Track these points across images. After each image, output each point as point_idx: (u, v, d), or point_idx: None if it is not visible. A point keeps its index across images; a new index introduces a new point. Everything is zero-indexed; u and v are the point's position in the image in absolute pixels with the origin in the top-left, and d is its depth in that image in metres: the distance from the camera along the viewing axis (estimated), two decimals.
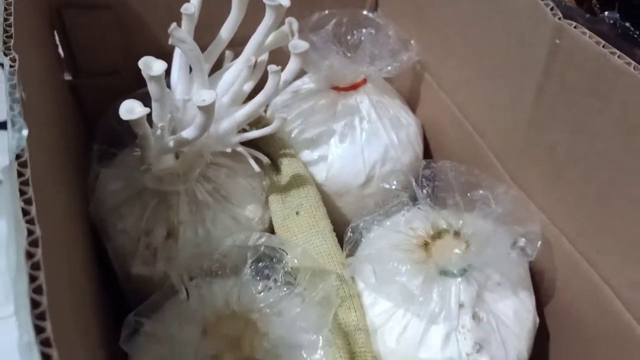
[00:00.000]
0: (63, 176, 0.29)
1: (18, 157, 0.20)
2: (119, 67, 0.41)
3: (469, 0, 0.37)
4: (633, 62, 0.25)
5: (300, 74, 0.39)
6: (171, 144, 0.33)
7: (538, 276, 0.36)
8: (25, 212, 0.18)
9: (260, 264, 0.31)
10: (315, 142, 0.41)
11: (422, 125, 0.45)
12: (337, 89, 0.42)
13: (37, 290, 0.17)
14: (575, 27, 0.28)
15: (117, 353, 0.30)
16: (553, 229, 0.34)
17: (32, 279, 0.17)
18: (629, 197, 0.28)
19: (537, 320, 0.34)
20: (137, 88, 0.34)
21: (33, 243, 0.18)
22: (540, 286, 0.36)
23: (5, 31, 0.25)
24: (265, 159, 0.39)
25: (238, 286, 0.31)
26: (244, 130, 0.38)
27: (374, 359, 0.33)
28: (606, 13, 0.39)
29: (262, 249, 0.32)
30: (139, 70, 0.31)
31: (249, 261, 0.32)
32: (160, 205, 0.36)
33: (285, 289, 0.31)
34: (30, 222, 0.18)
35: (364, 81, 0.42)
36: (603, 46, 0.26)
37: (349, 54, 0.42)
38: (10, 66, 0.22)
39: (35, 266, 0.17)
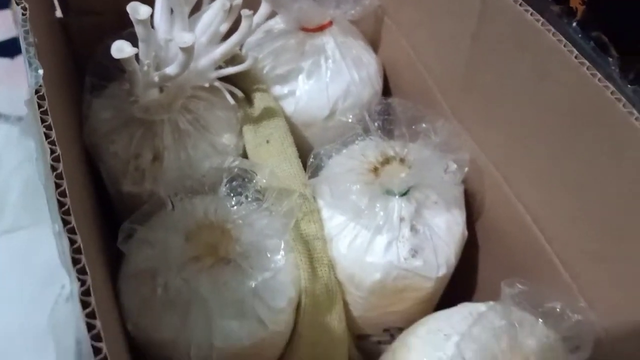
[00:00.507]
0: (67, 106, 0.34)
1: (37, 91, 0.25)
2: (106, 8, 0.45)
3: None
4: (542, 19, 0.30)
5: (272, 14, 0.44)
6: (156, 79, 0.38)
7: (471, 197, 0.42)
8: (47, 136, 0.23)
9: (234, 183, 0.37)
10: (285, 78, 0.46)
11: (383, 64, 0.50)
12: (305, 30, 0.47)
13: (62, 194, 0.22)
14: None
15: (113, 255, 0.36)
16: (483, 157, 0.40)
17: (57, 185, 0.22)
18: (537, 132, 0.34)
19: (466, 233, 0.41)
20: (122, 27, 0.39)
21: (55, 159, 0.23)
22: (472, 205, 0.43)
23: None
24: (239, 93, 0.44)
25: (215, 201, 0.37)
26: (221, 67, 0.43)
27: (329, 263, 0.40)
28: None
29: (235, 170, 0.37)
30: (125, 11, 0.35)
31: (224, 181, 0.38)
32: (147, 133, 0.41)
33: (255, 204, 0.37)
34: (51, 143, 0.23)
35: (330, 23, 0.47)
36: (520, 4, 0.31)
37: None
38: (22, 14, 0.27)
39: (59, 176, 0.22)
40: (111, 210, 0.43)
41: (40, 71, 0.25)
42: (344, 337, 0.41)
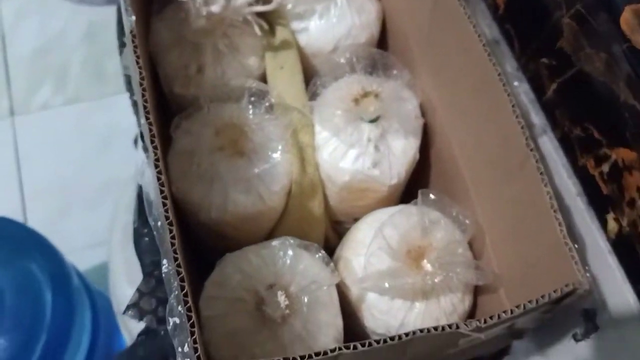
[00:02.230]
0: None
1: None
2: None
3: None
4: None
5: None
6: (204, 12, 0.52)
7: (425, 129, 0.56)
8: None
9: (252, 98, 0.52)
10: (302, 17, 0.59)
11: (384, 12, 0.62)
12: None
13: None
14: None
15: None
16: (434, 100, 0.54)
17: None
18: (464, 90, 0.48)
19: (417, 156, 0.55)
20: None
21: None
22: (425, 136, 0.57)
23: None
24: (265, 26, 0.57)
25: (238, 109, 0.52)
26: (252, 5, 0.56)
27: (315, 164, 0.55)
28: None
29: (254, 89, 0.52)
30: None
31: (246, 95, 0.52)
32: (194, 50, 0.55)
33: (266, 115, 0.52)
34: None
35: None
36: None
37: None
38: None
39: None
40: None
41: (132, 17, 0.39)
42: (322, 219, 0.57)
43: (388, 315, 0.46)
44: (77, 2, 1.31)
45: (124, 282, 0.67)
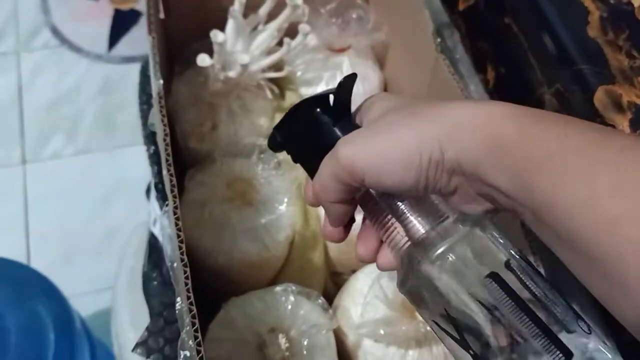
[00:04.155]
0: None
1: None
2: (194, 15, 0.63)
3: None
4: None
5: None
6: (221, 77, 0.57)
7: None
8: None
9: (261, 154, 0.56)
10: (310, 83, 0.65)
11: (386, 82, 0.68)
12: (330, 49, 0.65)
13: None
14: None
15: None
16: None
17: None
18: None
19: None
20: (205, 29, 0.56)
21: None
22: None
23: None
24: (276, 90, 0.63)
25: (248, 164, 0.57)
26: (265, 71, 0.61)
27: (318, 217, 0.59)
28: None
29: (263, 147, 0.57)
30: (207, 17, 0.54)
31: (256, 151, 0.57)
32: (210, 110, 0.60)
33: (273, 171, 0.56)
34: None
35: (349, 47, 0.65)
36: None
37: (341, 27, 0.64)
38: (152, 41, 0.46)
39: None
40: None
41: (160, 81, 0.44)
42: (322, 269, 0.60)
43: None
44: (93, 59, 1.39)
45: (128, 325, 0.69)
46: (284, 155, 0.57)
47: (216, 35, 0.53)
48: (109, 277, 0.85)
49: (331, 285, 0.63)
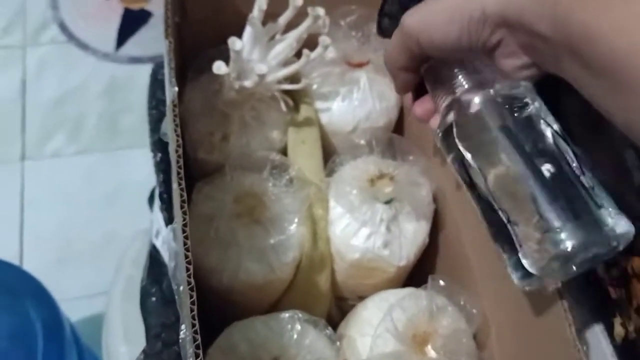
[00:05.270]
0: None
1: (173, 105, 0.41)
2: (210, 20, 0.61)
3: None
4: None
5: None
6: (236, 86, 0.55)
7: (436, 215, 0.58)
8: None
9: (273, 170, 0.54)
10: (326, 97, 0.62)
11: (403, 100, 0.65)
12: (348, 63, 0.62)
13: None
14: None
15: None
16: (446, 188, 0.56)
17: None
18: None
19: (427, 240, 0.57)
20: (220, 36, 0.54)
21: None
22: (436, 222, 0.58)
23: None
24: (291, 102, 0.60)
25: (259, 179, 0.54)
26: (282, 82, 0.59)
27: (327, 238, 0.56)
28: None
29: (276, 161, 0.54)
30: (224, 22, 0.51)
31: (268, 166, 0.54)
32: (222, 119, 0.57)
33: (284, 187, 0.54)
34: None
35: (368, 62, 0.62)
36: None
37: (361, 41, 0.61)
38: (169, 46, 0.43)
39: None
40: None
41: (175, 89, 0.42)
42: (328, 294, 0.57)
43: None
44: (100, 58, 1.37)
45: (120, 339, 0.66)
46: (296, 172, 0.55)
47: (234, 43, 0.51)
48: (103, 282, 0.82)
49: (336, 311, 0.60)
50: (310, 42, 0.57)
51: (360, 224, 0.54)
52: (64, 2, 1.46)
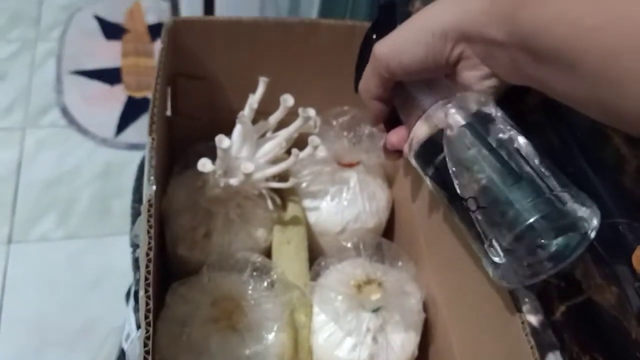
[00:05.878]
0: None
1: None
2: (202, 115, 0.61)
3: None
4: None
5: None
6: (221, 184, 0.53)
7: (426, 325, 0.55)
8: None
9: (254, 272, 0.51)
10: (315, 195, 0.61)
11: (394, 201, 0.64)
12: (339, 163, 0.61)
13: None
14: None
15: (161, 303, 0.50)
16: (437, 296, 0.53)
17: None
18: (465, 282, 0.47)
19: (416, 352, 0.53)
20: (211, 131, 0.53)
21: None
22: (426, 332, 0.55)
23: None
24: (278, 200, 0.59)
25: (239, 281, 0.51)
26: (269, 180, 0.57)
27: (309, 348, 0.52)
28: None
29: (258, 263, 0.51)
30: (215, 118, 0.50)
31: (249, 268, 0.52)
32: (205, 216, 0.56)
33: (265, 292, 0.51)
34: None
35: (358, 163, 0.61)
36: None
37: (353, 141, 0.61)
38: (151, 143, 0.42)
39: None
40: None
41: (153, 187, 0.40)
42: None
43: None
44: (98, 142, 1.37)
45: None
46: (278, 275, 0.52)
47: (221, 141, 0.50)
48: None
49: None
50: (300, 140, 0.56)
51: (345, 333, 0.51)
52: (69, 87, 1.49)
